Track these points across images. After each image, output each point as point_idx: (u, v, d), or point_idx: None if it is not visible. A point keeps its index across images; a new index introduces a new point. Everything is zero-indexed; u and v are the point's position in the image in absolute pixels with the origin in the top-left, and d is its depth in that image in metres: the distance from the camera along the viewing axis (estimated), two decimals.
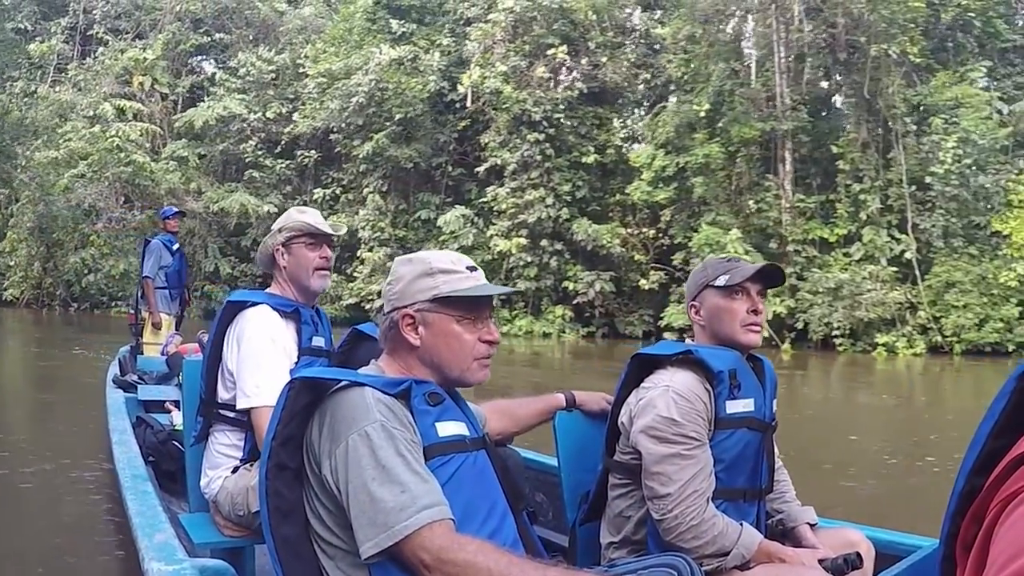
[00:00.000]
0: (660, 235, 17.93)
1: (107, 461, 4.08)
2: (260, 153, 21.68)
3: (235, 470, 2.32)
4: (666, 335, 15.93)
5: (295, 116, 21.28)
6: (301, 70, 21.76)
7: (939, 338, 15.73)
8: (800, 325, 16.00)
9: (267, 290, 2.51)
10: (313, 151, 21.27)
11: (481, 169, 18.84)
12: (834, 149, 16.53)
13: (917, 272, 15.95)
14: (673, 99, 17.84)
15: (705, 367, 1.83)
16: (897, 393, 11.73)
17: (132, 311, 7.00)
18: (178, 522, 2.33)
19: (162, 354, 5.49)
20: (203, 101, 22.41)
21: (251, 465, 2.28)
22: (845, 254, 16.41)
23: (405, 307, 1.50)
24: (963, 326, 15.37)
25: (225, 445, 2.38)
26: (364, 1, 20.96)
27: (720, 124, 16.88)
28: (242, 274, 21.42)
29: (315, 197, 20.89)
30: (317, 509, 1.41)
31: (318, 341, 2.45)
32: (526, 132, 18.08)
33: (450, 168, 20.00)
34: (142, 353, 6.08)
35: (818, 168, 17.09)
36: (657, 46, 19.32)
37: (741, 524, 1.80)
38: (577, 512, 2.09)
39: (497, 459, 1.56)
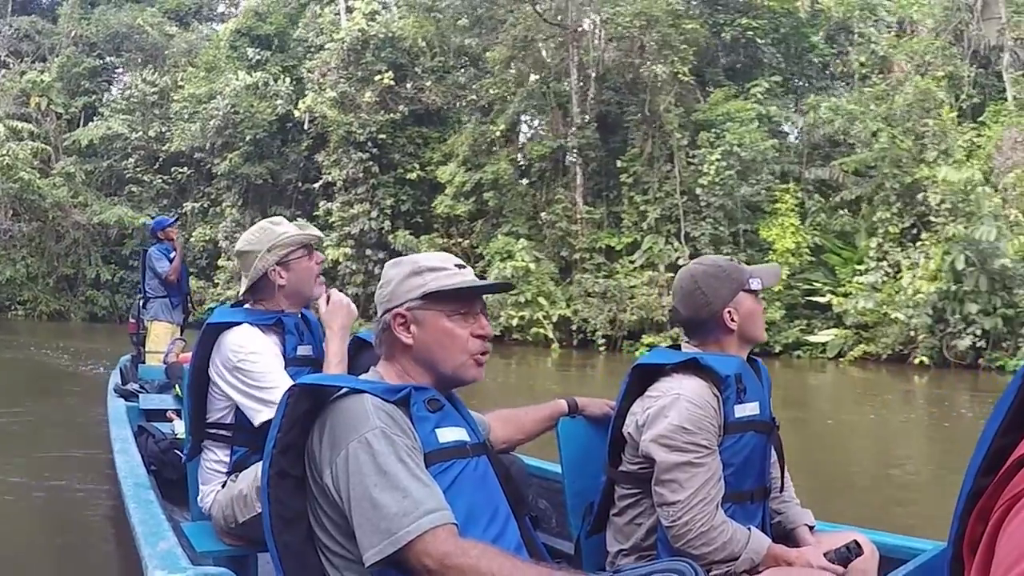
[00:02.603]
0: (475, 245, 19.46)
1: (109, 469, 4.03)
2: (140, 169, 23.51)
3: (224, 484, 2.39)
4: None
5: (168, 135, 23.10)
6: (180, 92, 23.56)
7: None
8: (574, 327, 17.46)
9: (246, 306, 2.51)
10: (186, 168, 23.07)
11: (317, 185, 20.52)
12: (619, 164, 17.95)
13: None
14: (472, 119, 19.28)
15: (712, 373, 1.86)
16: None
17: (133, 320, 6.96)
18: (181, 531, 2.35)
19: (164, 362, 5.49)
20: (92, 120, 24.30)
21: (235, 476, 2.37)
22: (630, 261, 17.81)
23: (396, 307, 1.52)
24: None
25: (215, 461, 2.44)
26: (226, 29, 22.69)
27: (518, 142, 18.39)
28: (122, 280, 23.21)
29: (186, 210, 22.67)
30: (320, 517, 1.42)
31: (304, 350, 2.47)
32: (353, 152, 19.70)
33: (300, 184, 21.67)
34: (143, 362, 6.14)
35: (607, 181, 18.50)
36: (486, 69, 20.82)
37: (749, 529, 1.83)
38: (582, 521, 2.11)
39: (499, 465, 1.57)
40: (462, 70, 20.67)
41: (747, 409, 1.90)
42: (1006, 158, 17.40)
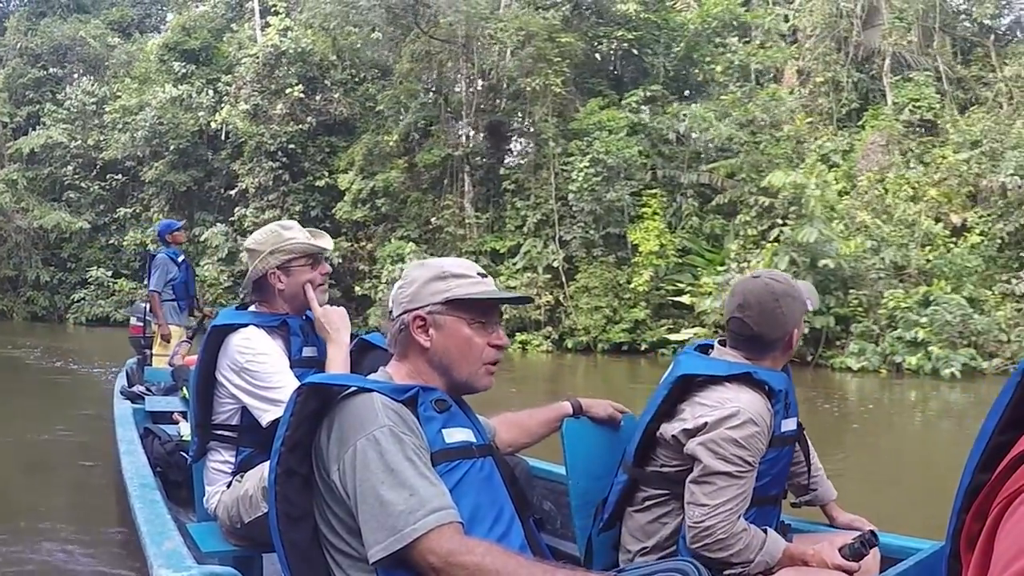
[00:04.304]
0: (374, 249, 20.58)
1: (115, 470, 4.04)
2: (78, 176, 24.76)
3: (229, 485, 2.42)
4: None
5: (105, 144, 24.33)
6: (113, 103, 24.76)
7: (584, 337, 18.13)
8: None
9: (251, 308, 2.54)
10: (120, 175, 24.31)
11: (234, 192, 21.71)
12: (502, 171, 19.00)
13: (563, 278, 18.38)
14: (370, 129, 20.35)
15: (768, 388, 1.90)
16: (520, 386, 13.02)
17: (140, 324, 6.99)
18: (186, 531, 2.34)
19: (169, 364, 5.54)
20: (35, 129, 25.58)
21: (240, 476, 2.41)
22: (513, 263, 18.86)
23: (416, 309, 1.54)
24: (592, 326, 17.77)
25: (220, 462, 2.47)
26: (154, 44, 23.87)
27: (414, 151, 19.47)
28: (60, 281, 24.52)
29: (119, 215, 23.97)
30: (326, 515, 1.43)
31: (309, 351, 2.49)
32: (264, 161, 20.89)
33: (223, 190, 22.85)
34: (150, 365, 6.14)
35: (495, 187, 19.56)
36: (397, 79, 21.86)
37: (766, 531, 1.87)
38: (591, 520, 2.14)
39: (504, 466, 1.59)
40: (373, 81, 21.71)
41: (789, 424, 1.97)
42: (869, 161, 18.35)
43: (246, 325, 2.43)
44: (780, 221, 15.83)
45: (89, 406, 8.54)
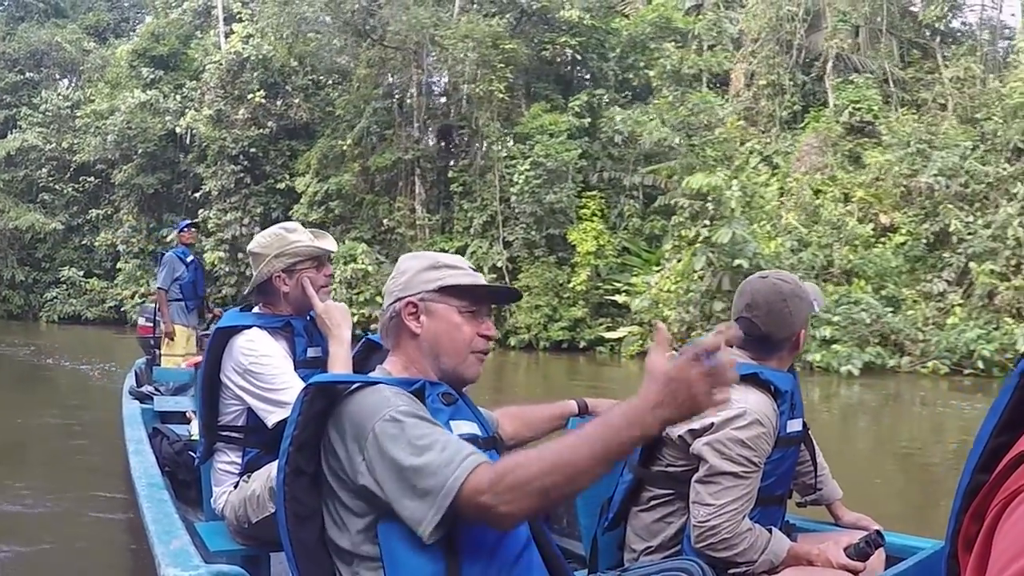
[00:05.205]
0: None
1: (124, 470, 4.07)
2: (52, 178, 25.53)
3: (236, 485, 2.44)
4: None
5: (79, 147, 25.08)
6: (86, 107, 25.49)
7: (526, 335, 18.75)
8: None
9: (255, 310, 2.56)
10: (92, 177, 25.07)
11: (198, 194, 22.44)
12: (450, 174, 19.66)
13: (507, 278, 19.01)
14: (326, 133, 21.02)
15: (774, 388, 1.93)
16: None
17: (151, 324, 7.03)
18: (194, 530, 2.36)
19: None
20: (11, 132, 26.34)
21: (247, 477, 2.42)
22: None
23: (408, 296, 1.57)
24: (533, 324, 18.41)
25: (226, 463, 2.49)
26: (124, 50, 24.58)
27: (369, 154, 20.13)
28: (35, 281, 25.31)
29: (92, 216, 24.74)
30: (337, 513, 1.43)
31: (314, 352, 2.51)
32: (226, 164, 21.61)
33: (190, 192, 23.58)
34: (159, 365, 6.18)
35: (446, 189, 20.21)
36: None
37: (770, 531, 1.89)
38: (596, 519, 2.14)
39: None
40: (334, 86, 22.36)
41: (794, 425, 1.99)
42: (803, 163, 18.91)
43: (250, 327, 2.45)
44: (708, 222, 16.42)
45: (73, 396, 9.79)
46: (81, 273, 24.30)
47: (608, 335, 17.84)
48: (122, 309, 23.18)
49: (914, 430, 9.78)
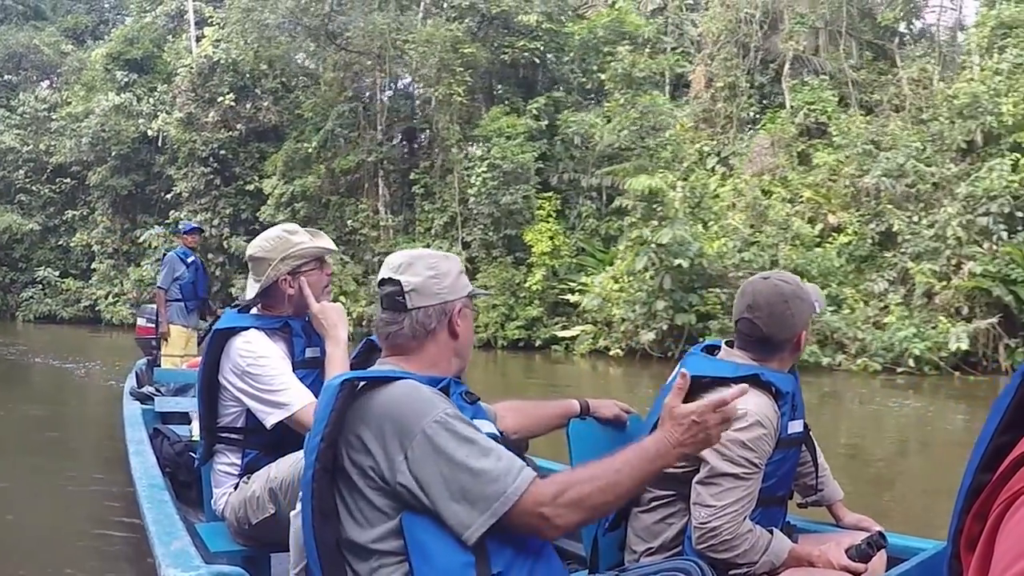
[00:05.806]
0: None
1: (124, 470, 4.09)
2: (29, 179, 25.97)
3: (236, 486, 2.45)
4: None
5: (55, 149, 25.52)
6: (62, 109, 25.91)
7: (483, 334, 19.16)
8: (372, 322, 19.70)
9: (253, 311, 2.55)
10: (69, 179, 25.51)
11: (170, 195, 22.89)
12: (412, 176, 20.08)
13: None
14: (291, 135, 21.45)
15: (775, 390, 1.93)
16: None
17: (151, 324, 7.01)
18: (195, 531, 2.36)
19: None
20: None
21: (247, 478, 2.44)
22: None
23: (457, 299, 1.62)
24: (490, 323, 18.85)
25: (227, 464, 2.50)
26: (98, 54, 24.99)
27: (335, 156, 20.56)
28: (12, 281, 25.76)
29: (68, 217, 25.19)
30: (359, 510, 1.42)
31: (312, 352, 2.50)
32: (197, 166, 22.05)
33: (163, 194, 24.03)
34: (159, 365, 6.15)
35: (409, 191, 20.63)
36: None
37: (771, 532, 1.89)
38: (597, 521, 2.11)
39: None
40: (303, 89, 22.78)
41: (796, 426, 1.99)
42: (754, 164, 19.30)
43: (248, 328, 2.46)
44: (656, 223, 16.82)
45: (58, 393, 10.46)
46: (57, 273, 24.75)
47: (562, 334, 18.25)
48: (96, 308, 23.67)
49: (854, 427, 10.08)
